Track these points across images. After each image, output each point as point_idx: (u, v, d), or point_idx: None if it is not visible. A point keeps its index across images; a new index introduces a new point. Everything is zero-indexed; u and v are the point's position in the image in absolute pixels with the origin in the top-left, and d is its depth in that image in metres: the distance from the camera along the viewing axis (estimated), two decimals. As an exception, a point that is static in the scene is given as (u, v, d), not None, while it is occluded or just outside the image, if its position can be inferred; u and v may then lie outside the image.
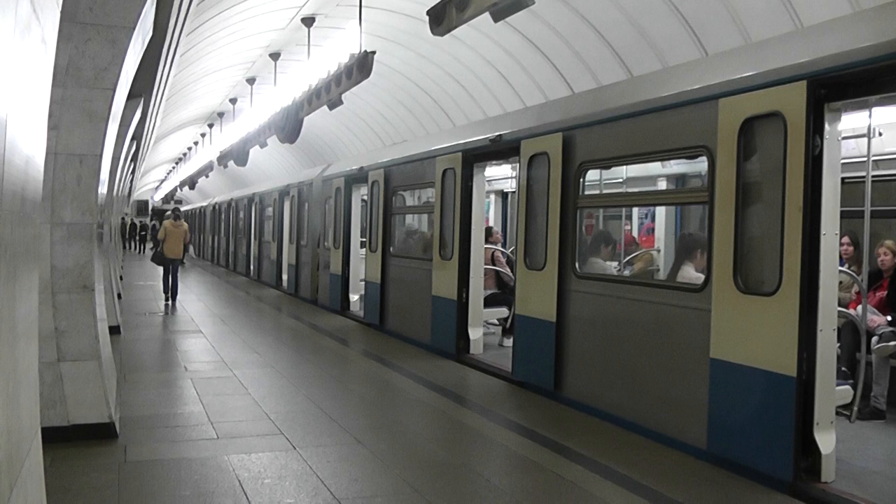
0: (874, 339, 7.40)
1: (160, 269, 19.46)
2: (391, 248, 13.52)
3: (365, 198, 15.50)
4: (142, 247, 46.98)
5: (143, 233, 49.44)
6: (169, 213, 20.07)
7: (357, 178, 15.53)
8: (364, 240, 15.47)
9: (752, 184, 6.14)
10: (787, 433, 5.61)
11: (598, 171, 9.32)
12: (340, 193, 16.41)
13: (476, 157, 10.56)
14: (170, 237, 18.45)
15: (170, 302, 18.25)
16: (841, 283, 7.27)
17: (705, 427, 6.32)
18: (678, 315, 6.81)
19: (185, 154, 40.87)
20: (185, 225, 19.34)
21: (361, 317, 15.12)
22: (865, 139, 6.41)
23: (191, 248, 35.36)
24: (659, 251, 11.16)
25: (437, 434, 7.39)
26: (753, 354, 5.92)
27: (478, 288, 10.80)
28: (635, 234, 13.00)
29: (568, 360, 8.41)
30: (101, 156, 6.54)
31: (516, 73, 13.80)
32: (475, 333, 10.77)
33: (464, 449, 6.84)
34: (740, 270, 6.09)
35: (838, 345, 6.42)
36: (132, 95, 8.66)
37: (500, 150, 9.94)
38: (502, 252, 12.79)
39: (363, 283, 15.34)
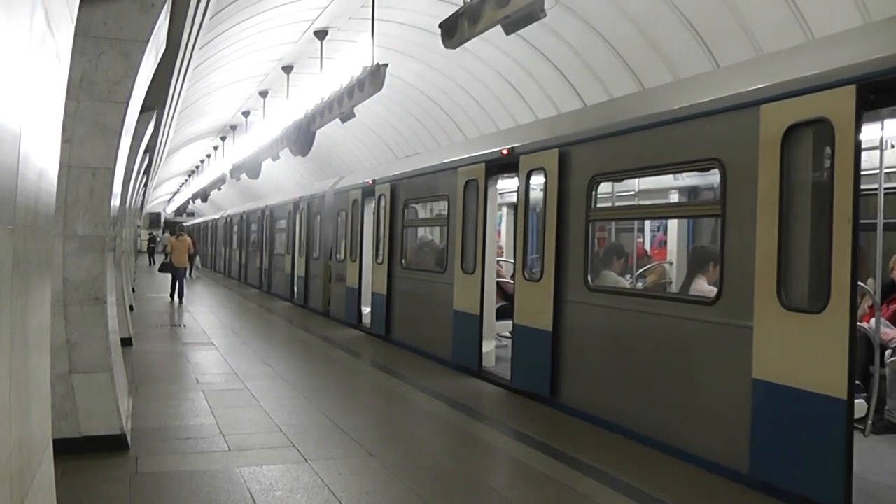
0: (888, 352, 7.34)
1: (168, 281, 22.07)
2: (403, 261, 13.50)
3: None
4: (151, 259, 47.19)
5: (153, 245, 49.60)
6: (179, 229, 23.50)
7: (373, 190, 15.45)
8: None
9: (796, 194, 5.83)
10: (837, 458, 5.28)
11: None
12: (357, 206, 16.15)
13: (499, 168, 10.48)
14: (175, 250, 21.63)
15: (176, 301, 21.12)
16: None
17: (747, 450, 5.99)
18: (691, 329, 6.78)
19: (197, 167, 41.06)
20: (188, 239, 22.52)
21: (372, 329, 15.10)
22: (878, 151, 6.36)
23: (198, 260, 35.79)
24: (671, 264, 11.11)
25: (448, 446, 7.37)
26: (800, 375, 5.57)
27: (491, 300, 10.79)
28: (647, 247, 12.96)
29: (565, 370, 8.56)
30: (113, 169, 6.57)
31: (528, 86, 13.82)
32: (487, 346, 10.76)
33: (475, 461, 6.82)
34: (784, 286, 5.77)
35: None
36: (145, 108, 8.70)
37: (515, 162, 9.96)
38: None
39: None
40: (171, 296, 21.68)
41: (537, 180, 9.25)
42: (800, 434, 5.58)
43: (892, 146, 7.65)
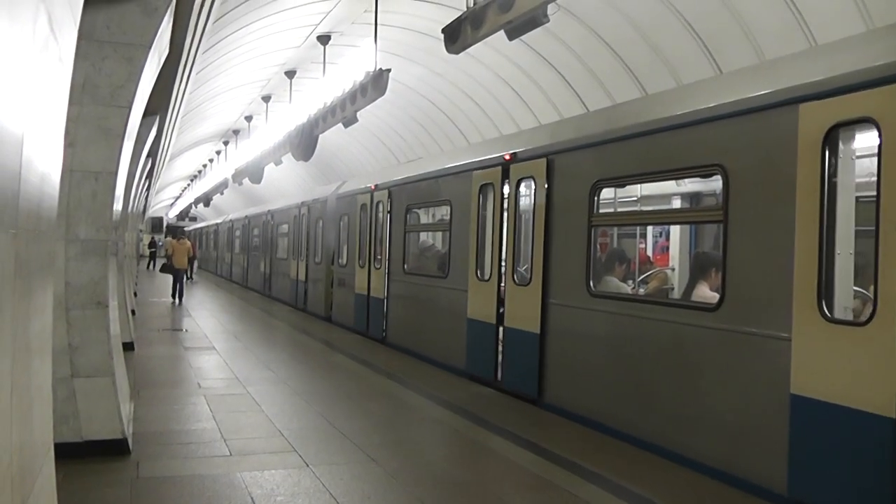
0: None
1: (171, 285, 23.60)
2: (405, 266, 13.45)
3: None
4: (153, 263, 47.27)
5: (153, 249, 49.68)
6: (180, 233, 25.79)
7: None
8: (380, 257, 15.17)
9: (838, 199, 5.43)
10: (885, 480, 4.93)
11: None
12: (366, 210, 15.74)
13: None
14: (176, 252, 23.16)
15: (176, 300, 22.62)
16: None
17: (785, 469, 5.62)
18: (692, 335, 6.75)
19: (200, 171, 41.11)
20: (188, 243, 24.60)
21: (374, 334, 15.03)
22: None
23: (196, 264, 36.41)
24: (673, 270, 11.09)
25: (450, 452, 7.36)
26: (844, 392, 5.17)
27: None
28: (649, 252, 12.94)
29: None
30: (116, 173, 6.58)
31: (531, 91, 13.83)
32: None
33: (477, 466, 6.81)
34: (826, 297, 5.37)
35: None
36: (148, 113, 8.71)
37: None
38: None
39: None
40: (173, 297, 22.88)
41: (529, 187, 9.45)
42: (844, 454, 5.21)
43: None
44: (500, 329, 10.07)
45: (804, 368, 5.50)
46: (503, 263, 10.19)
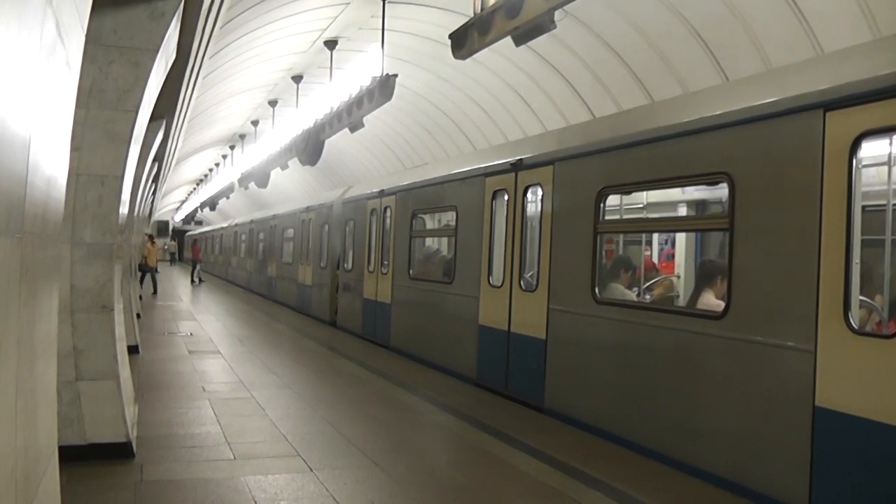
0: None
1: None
2: (410, 271, 13.43)
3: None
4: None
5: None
6: (150, 236, 29.90)
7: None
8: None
9: (865, 209, 5.35)
10: None
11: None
12: (374, 215, 15.55)
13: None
14: (150, 254, 27.26)
15: (154, 293, 27.17)
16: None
17: (807, 484, 5.47)
18: (697, 342, 6.73)
19: (206, 175, 41.18)
20: (158, 245, 29.97)
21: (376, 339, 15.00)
22: (886, 167, 6.25)
23: (198, 268, 36.94)
24: (679, 277, 11.06)
25: (454, 457, 7.35)
26: (872, 405, 5.03)
27: None
28: (655, 259, 12.91)
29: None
30: (122, 177, 6.58)
31: (537, 97, 13.83)
32: None
33: (481, 473, 6.80)
34: (853, 309, 5.27)
35: None
36: (154, 117, 8.71)
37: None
38: None
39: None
40: (140, 285, 26.35)
41: (535, 194, 9.47)
42: (872, 467, 5.09)
43: None
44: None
45: (831, 381, 5.36)
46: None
